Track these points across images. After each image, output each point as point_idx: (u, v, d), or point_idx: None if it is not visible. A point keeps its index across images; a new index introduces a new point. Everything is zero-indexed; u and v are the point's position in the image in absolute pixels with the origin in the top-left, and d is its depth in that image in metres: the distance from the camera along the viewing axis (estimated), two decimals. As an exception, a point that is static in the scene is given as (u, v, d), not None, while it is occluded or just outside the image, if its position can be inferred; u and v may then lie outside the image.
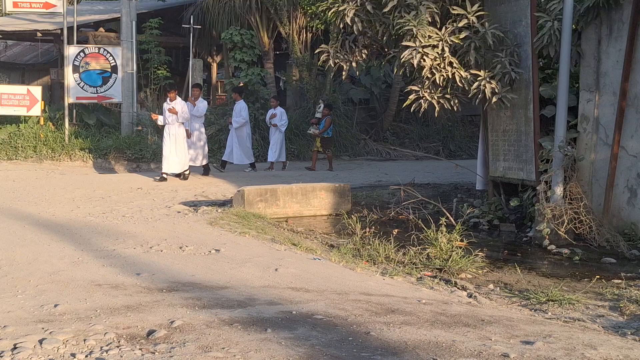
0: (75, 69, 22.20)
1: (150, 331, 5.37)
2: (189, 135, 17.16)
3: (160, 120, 17.07)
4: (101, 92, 22.39)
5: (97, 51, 22.60)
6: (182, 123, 16.80)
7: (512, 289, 8.33)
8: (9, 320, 5.65)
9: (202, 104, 18.02)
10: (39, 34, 26.75)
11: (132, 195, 14.55)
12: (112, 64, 22.57)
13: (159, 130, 19.32)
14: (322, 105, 20.93)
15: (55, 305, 6.13)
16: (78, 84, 22.08)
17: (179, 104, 16.76)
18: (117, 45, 23.49)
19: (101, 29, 27.34)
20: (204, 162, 18.10)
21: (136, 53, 23.10)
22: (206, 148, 18.24)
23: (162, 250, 9.03)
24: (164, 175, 16.63)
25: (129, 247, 9.16)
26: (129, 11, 22.54)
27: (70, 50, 22.20)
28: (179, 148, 16.74)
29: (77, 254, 8.61)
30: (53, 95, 28.52)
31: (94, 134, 21.69)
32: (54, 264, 8.01)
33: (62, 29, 22.51)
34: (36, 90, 22.03)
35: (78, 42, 23.15)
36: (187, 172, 17.08)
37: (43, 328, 5.44)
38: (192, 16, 25.44)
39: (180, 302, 6.29)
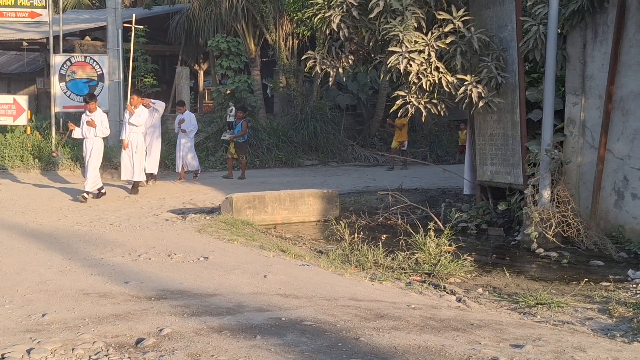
0: (62, 77, 22.12)
1: (139, 339, 5.34)
2: (125, 146, 15.74)
3: (76, 132, 15.24)
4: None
5: (83, 60, 22.52)
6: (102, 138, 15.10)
7: (501, 292, 8.33)
8: (-4, 331, 5.62)
9: (142, 112, 15.95)
10: (24, 43, 26.68)
11: (119, 203, 14.51)
12: (98, 73, 22.50)
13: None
14: (233, 109, 20.23)
15: (43, 315, 6.10)
16: (64, 93, 22.00)
17: (98, 116, 14.92)
18: (104, 53, 23.43)
19: (87, 38, 27.31)
20: (137, 178, 16.05)
21: (123, 61, 23.05)
22: (143, 162, 16.33)
23: (150, 258, 9.00)
24: (85, 195, 14.67)
25: (117, 256, 9.13)
26: (114, 19, 22.50)
27: (57, 59, 22.12)
28: (92, 164, 14.80)
29: (65, 263, 8.57)
30: (39, 104, 28.49)
31: (82, 142, 21.58)
32: (41, 273, 7.97)
33: (48, 38, 22.45)
34: (22, 100, 21.93)
35: (64, 51, 23.11)
36: (103, 191, 15.16)
37: (31, 338, 5.40)
38: (134, 16, 25.40)
39: (168, 310, 6.27)
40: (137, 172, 15.91)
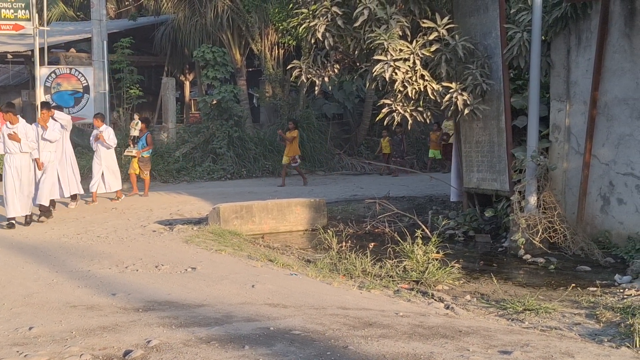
0: (47, 90, 22.08)
1: (126, 351, 5.32)
2: (40, 166, 13.56)
3: None
4: (74, 113, 22.24)
5: (68, 72, 22.50)
6: (29, 153, 13.20)
7: (488, 299, 8.34)
8: (-17, 345, 5.59)
9: (55, 126, 14.28)
10: (9, 56, 26.59)
11: (106, 215, 14.46)
12: (84, 84, 22.48)
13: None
14: (138, 122, 17.98)
15: (30, 328, 6.07)
16: (50, 105, 21.91)
17: (22, 128, 13.03)
18: (89, 65, 23.41)
19: (72, 50, 27.25)
20: (44, 201, 13.75)
21: (108, 73, 23.02)
22: (54, 184, 14.34)
23: (137, 270, 8.97)
24: (13, 222, 12.85)
25: (104, 268, 9.10)
26: (99, 31, 22.48)
27: (42, 72, 22.08)
28: (24, 184, 12.99)
29: (51, 276, 8.53)
30: (25, 117, 28.26)
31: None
32: (28, 287, 7.94)
33: (32, 51, 22.39)
34: (7, 113, 21.81)
35: (49, 63, 23.05)
36: (30, 216, 13.22)
37: (18, 351, 5.38)
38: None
39: (156, 322, 6.25)
40: (45, 194, 13.77)
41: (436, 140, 23.85)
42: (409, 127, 12.92)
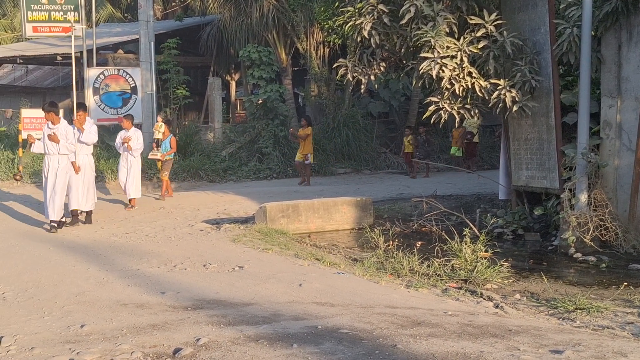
0: (96, 91, 22.41)
1: (176, 349, 5.36)
2: (76, 170, 13.08)
3: (37, 146, 13.17)
4: (122, 114, 22.53)
5: (116, 73, 22.80)
6: (67, 155, 12.85)
7: (539, 298, 8.25)
8: (36, 342, 5.67)
9: (92, 129, 13.69)
10: (59, 58, 26.98)
11: (154, 214, 14.60)
12: (131, 85, 22.75)
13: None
14: (161, 124, 17.49)
15: (82, 326, 6.15)
16: (99, 106, 22.27)
17: (62, 129, 12.72)
18: (136, 66, 23.66)
19: (120, 51, 27.57)
20: (89, 207, 13.58)
21: (155, 73, 23.24)
22: (93, 189, 13.88)
23: (186, 269, 9.04)
24: (60, 222, 12.67)
25: (153, 266, 9.18)
26: (147, 32, 22.71)
27: (90, 73, 22.42)
28: (59, 186, 12.58)
29: (102, 275, 8.64)
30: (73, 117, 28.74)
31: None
32: (79, 285, 8.05)
33: (81, 52, 22.70)
34: (57, 114, 22.16)
35: (98, 65, 23.36)
36: (63, 220, 12.81)
37: (70, 349, 5.45)
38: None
39: (205, 320, 6.29)
40: (89, 199, 13.57)
41: (458, 138, 23.64)
42: (456, 124, 12.79)
